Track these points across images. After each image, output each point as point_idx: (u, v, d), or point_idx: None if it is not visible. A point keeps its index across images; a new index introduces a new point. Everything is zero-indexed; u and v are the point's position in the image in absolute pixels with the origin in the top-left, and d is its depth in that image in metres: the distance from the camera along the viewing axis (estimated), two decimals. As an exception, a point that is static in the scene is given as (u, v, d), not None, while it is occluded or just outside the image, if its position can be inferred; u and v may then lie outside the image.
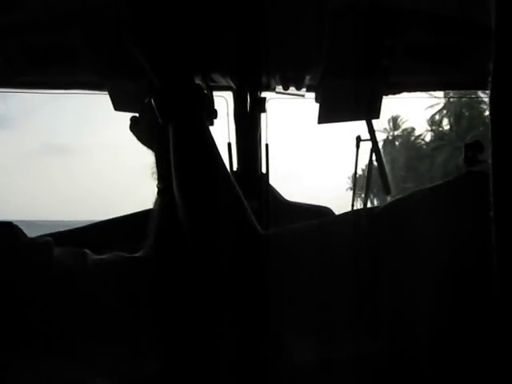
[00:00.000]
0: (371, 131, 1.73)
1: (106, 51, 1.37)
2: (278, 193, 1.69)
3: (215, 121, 1.14)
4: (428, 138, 40.27)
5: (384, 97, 1.54)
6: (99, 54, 1.38)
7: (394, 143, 40.79)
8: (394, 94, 1.61)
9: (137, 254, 0.79)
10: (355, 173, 2.02)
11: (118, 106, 1.50)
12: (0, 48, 1.36)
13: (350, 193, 2.07)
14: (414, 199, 0.69)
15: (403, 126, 41.05)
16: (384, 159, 1.80)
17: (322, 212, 1.69)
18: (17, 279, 0.65)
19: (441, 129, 37.75)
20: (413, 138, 41.11)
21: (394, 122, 39.22)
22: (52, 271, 0.68)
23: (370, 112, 1.55)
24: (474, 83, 1.62)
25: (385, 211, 0.68)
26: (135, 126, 1.02)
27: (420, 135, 40.88)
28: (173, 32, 1.15)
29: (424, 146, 39.60)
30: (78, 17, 1.30)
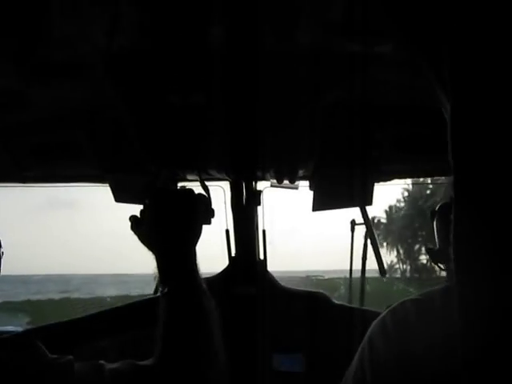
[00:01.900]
0: (365, 217, 1.78)
1: (108, 147, 1.43)
2: (274, 279, 1.71)
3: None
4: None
5: (376, 184, 1.59)
6: (101, 150, 1.43)
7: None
8: (385, 181, 1.66)
9: (147, 362, 0.82)
10: (351, 254, 2.04)
11: (119, 197, 1.54)
12: (7, 146, 1.42)
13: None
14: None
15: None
16: (378, 242, 1.83)
17: (318, 298, 1.70)
18: None
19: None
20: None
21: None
22: None
23: (363, 199, 1.59)
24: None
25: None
26: (136, 227, 1.03)
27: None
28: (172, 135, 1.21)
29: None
30: (81, 116, 1.36)
